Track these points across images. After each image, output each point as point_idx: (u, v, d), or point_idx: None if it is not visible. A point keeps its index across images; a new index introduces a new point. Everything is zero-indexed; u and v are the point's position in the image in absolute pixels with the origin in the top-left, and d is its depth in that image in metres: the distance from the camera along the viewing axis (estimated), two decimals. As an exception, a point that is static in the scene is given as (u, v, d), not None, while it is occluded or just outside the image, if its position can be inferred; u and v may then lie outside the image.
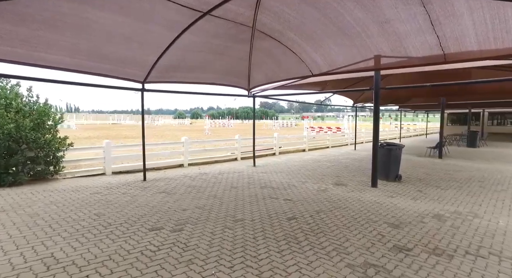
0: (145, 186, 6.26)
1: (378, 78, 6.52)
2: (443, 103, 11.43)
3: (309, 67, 7.09)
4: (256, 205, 5.10)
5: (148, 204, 4.93)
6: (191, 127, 41.61)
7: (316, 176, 7.85)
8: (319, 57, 6.61)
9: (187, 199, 5.37)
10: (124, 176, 7.29)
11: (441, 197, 5.75)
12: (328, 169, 9.07)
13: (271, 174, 8.07)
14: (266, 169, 8.87)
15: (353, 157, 12.09)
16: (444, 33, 4.30)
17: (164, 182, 6.75)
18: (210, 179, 7.23)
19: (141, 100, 6.58)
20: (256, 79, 8.60)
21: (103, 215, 4.22)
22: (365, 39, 5.37)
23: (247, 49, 7.05)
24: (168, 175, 7.66)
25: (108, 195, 5.37)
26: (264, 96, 9.52)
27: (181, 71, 6.95)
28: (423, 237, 3.73)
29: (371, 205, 5.19)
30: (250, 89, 9.15)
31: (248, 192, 6.02)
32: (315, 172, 8.45)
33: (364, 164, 10.03)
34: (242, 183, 6.92)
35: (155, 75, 6.65)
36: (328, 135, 15.79)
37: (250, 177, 7.61)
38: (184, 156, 9.00)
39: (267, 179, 7.39)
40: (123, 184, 6.43)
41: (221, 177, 7.59)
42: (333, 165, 9.78)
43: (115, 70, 5.74)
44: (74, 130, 30.59)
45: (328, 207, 5.06)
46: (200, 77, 7.55)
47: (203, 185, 6.56)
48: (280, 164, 9.89)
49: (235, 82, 8.62)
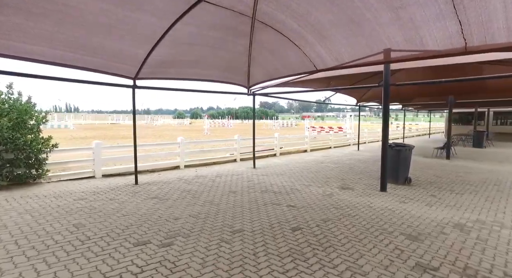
0: (136, 191, 5.78)
1: (388, 73, 6.04)
2: (451, 102, 10.95)
3: (314, 62, 6.61)
4: (257, 213, 4.62)
5: (136, 212, 4.44)
6: (190, 127, 41.13)
7: (320, 179, 7.37)
8: (324, 50, 6.13)
9: (181, 206, 4.89)
10: (115, 179, 6.81)
11: (458, 203, 5.27)
12: (332, 171, 8.60)
13: (272, 177, 7.60)
14: (266, 171, 8.40)
15: (357, 157, 11.62)
16: (467, 17, 3.82)
17: (157, 186, 6.27)
18: (207, 183, 6.75)
19: (132, 98, 6.10)
20: (256, 76, 8.12)
21: (83, 227, 3.73)
22: (376, 28, 4.89)
23: (246, 43, 6.57)
24: (162, 178, 7.18)
25: (94, 202, 4.89)
26: (265, 94, 9.04)
27: (176, 67, 6.48)
28: (448, 253, 3.25)
29: (382, 212, 4.71)
30: (249, 87, 8.67)
31: (247, 197, 5.54)
32: (319, 174, 7.97)
33: (370, 166, 9.56)
34: (241, 186, 6.45)
35: (148, 71, 6.17)
36: (331, 135, 15.32)
37: (250, 180, 7.13)
38: (180, 157, 8.52)
39: (268, 182, 6.91)
40: (113, 188, 5.95)
41: (219, 180, 7.11)
42: (337, 167, 9.30)
43: (103, 64, 5.26)
44: (71, 130, 30.12)
45: (336, 215, 4.58)
46: (196, 73, 7.08)
47: (199, 189, 6.08)
48: (282, 166, 9.41)
49: (234, 80, 8.14)
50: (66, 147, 8.75)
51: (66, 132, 27.01)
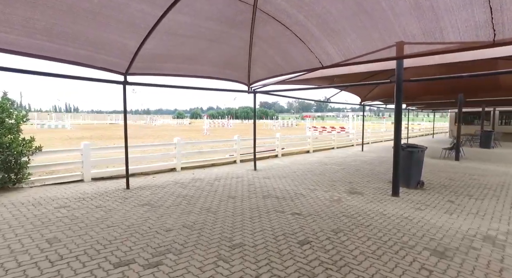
0: (126, 196, 5.29)
1: (401, 67, 5.55)
2: (460, 101, 10.46)
3: (319, 58, 6.12)
4: (259, 222, 4.13)
5: (123, 223, 3.95)
6: (189, 128, 40.64)
7: (326, 182, 6.89)
8: (331, 45, 5.65)
9: (174, 214, 4.40)
10: (105, 183, 6.32)
11: (481, 210, 4.78)
12: (337, 173, 8.11)
13: (274, 180, 7.11)
14: (268, 173, 7.91)
15: (363, 159, 11.13)
16: (501, 3, 3.34)
17: (150, 191, 5.78)
18: (205, 187, 6.26)
19: (123, 95, 5.61)
20: (257, 74, 7.64)
21: (57, 242, 3.23)
22: (391, 19, 4.41)
23: (247, 36, 6.09)
24: (157, 181, 6.69)
25: (77, 210, 4.39)
26: (266, 92, 8.56)
27: (171, 62, 5.99)
28: (487, 275, 2.76)
29: (399, 222, 4.23)
30: (250, 84, 8.19)
31: (248, 204, 5.06)
32: (324, 177, 7.48)
33: (376, 167, 9.07)
34: (241, 191, 5.96)
35: (140, 65, 5.68)
36: (333, 135, 14.83)
37: (251, 184, 6.65)
38: (176, 158, 8.03)
39: (270, 186, 6.42)
40: (101, 193, 5.46)
41: (218, 183, 6.62)
42: (343, 169, 8.81)
43: (88, 56, 4.77)
44: (68, 131, 29.62)
45: (347, 225, 4.09)
46: (194, 70, 6.59)
47: (195, 194, 5.59)
48: (284, 167, 8.93)
49: (234, 77, 7.66)
50: (54, 148, 8.27)
51: (62, 132, 26.52)
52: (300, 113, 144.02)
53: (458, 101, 10.50)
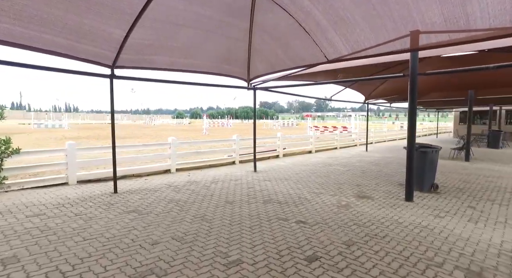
0: (112, 202, 4.78)
1: (416, 60, 5.04)
2: (471, 98, 9.94)
3: (325, 51, 5.61)
4: (259, 233, 3.62)
5: (104, 234, 3.44)
6: (189, 127, 40.14)
7: (331, 185, 6.38)
8: (338, 36, 5.14)
9: (164, 223, 3.89)
10: (91, 186, 5.81)
11: (510, 218, 4.27)
12: (343, 175, 7.60)
13: (275, 182, 6.60)
14: (269, 175, 7.40)
15: (368, 159, 10.61)
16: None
17: (140, 195, 5.27)
18: (200, 190, 5.75)
19: (110, 90, 5.10)
20: (257, 68, 7.13)
21: (15, 262, 2.69)
22: (409, 4, 3.91)
23: (246, 26, 5.58)
24: (149, 184, 6.18)
25: (52, 219, 3.88)
26: (266, 88, 8.04)
27: (163, 54, 5.48)
28: (540, 305, 2.25)
29: (418, 232, 3.72)
30: (250, 80, 7.67)
31: (247, 210, 4.55)
32: (329, 179, 6.97)
33: (383, 169, 8.56)
34: (240, 195, 5.45)
35: (129, 58, 5.17)
36: (336, 135, 14.32)
37: (251, 187, 6.14)
38: (171, 159, 7.52)
39: (272, 189, 5.91)
40: (84, 198, 4.95)
41: (214, 186, 6.11)
42: (348, 170, 8.30)
43: (70, 47, 4.26)
44: (65, 130, 29.11)
45: (360, 235, 3.58)
46: (189, 64, 6.08)
47: (189, 199, 5.08)
48: (285, 169, 8.41)
49: (233, 72, 7.15)
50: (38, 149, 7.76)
51: (59, 132, 26.01)
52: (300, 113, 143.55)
53: (468, 99, 9.97)
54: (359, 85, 11.26)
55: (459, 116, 22.39)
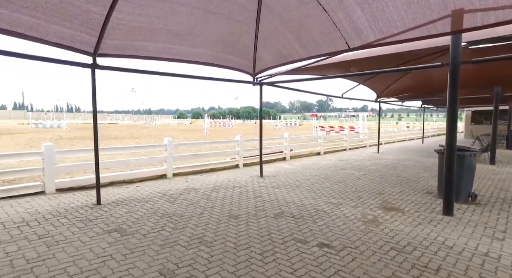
0: (91, 217, 3.95)
1: (458, 46, 4.18)
2: (497, 95, 9.06)
3: (346, 37, 4.78)
4: (274, 262, 2.79)
5: (67, 269, 2.60)
6: (190, 127, 39.35)
7: (350, 193, 5.54)
8: (365, 17, 4.30)
9: (151, 248, 3.06)
10: (71, 196, 4.98)
11: None
12: (359, 180, 6.75)
13: (285, 190, 5.76)
14: (277, 181, 6.56)
15: (382, 162, 9.75)
16: None
17: (127, 207, 4.44)
18: (199, 200, 4.92)
19: (92, 82, 4.27)
20: (264, 60, 6.29)
21: None
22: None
23: (254, 6, 4.75)
24: (140, 193, 5.35)
25: (5, 245, 3.03)
26: (273, 83, 7.19)
27: (156, 39, 4.65)
28: None
29: (481, 263, 2.87)
30: (255, 74, 6.84)
31: (256, 227, 3.71)
32: (346, 186, 6.13)
33: (402, 173, 7.70)
34: (246, 206, 4.62)
35: (115, 44, 4.35)
36: (345, 136, 13.45)
37: (257, 196, 5.30)
38: (167, 163, 6.69)
39: (282, 199, 5.08)
40: (59, 212, 4.12)
41: (216, 195, 5.27)
42: (364, 175, 7.45)
43: (35, 26, 3.44)
44: (63, 130, 28.38)
45: (404, 267, 2.74)
46: (185, 53, 5.25)
47: (186, 213, 4.25)
48: (295, 173, 7.57)
49: (236, 64, 6.31)
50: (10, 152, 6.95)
51: (56, 132, 25.26)
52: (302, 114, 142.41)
53: (494, 96, 9.09)
54: (371, 82, 10.41)
55: (471, 116, 21.42)
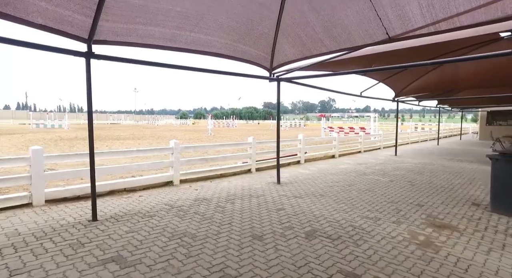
0: (84, 240, 3.22)
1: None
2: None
3: (386, 23, 4.05)
4: (327, 315, 2.04)
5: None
6: (193, 128, 38.69)
7: (384, 204, 4.79)
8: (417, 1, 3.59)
9: (160, 288, 2.33)
10: (63, 209, 4.25)
11: None
12: (389, 188, 6.00)
13: (310, 200, 5.02)
14: (297, 189, 5.82)
15: (404, 166, 8.98)
16: None
17: (129, 224, 3.71)
18: (213, 214, 4.18)
19: (86, 74, 3.55)
20: (284, 52, 5.55)
21: None
22: None
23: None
24: (143, 204, 4.62)
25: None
26: (291, 79, 6.41)
27: (161, 23, 3.93)
28: None
29: None
30: (272, 69, 6.09)
31: (288, 253, 2.97)
32: (376, 195, 5.38)
33: (432, 179, 6.94)
34: (269, 222, 3.88)
35: (114, 28, 3.63)
36: (360, 137, 12.68)
37: (280, 207, 4.56)
38: (173, 168, 5.97)
39: (309, 212, 4.33)
40: (45, 233, 3.39)
41: (232, 208, 4.53)
42: (391, 181, 6.69)
43: (11, 1, 2.72)
44: (64, 130, 27.76)
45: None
46: (195, 40, 4.52)
47: (199, 232, 3.52)
48: (314, 179, 6.82)
49: (252, 56, 5.57)
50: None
51: (57, 132, 24.62)
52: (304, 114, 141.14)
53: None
54: (392, 80, 9.65)
55: (486, 116, 20.58)
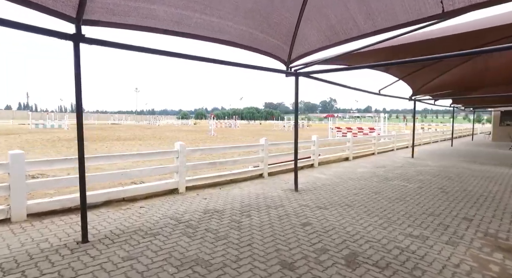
0: (68, 274, 2.52)
1: None
2: None
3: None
4: None
5: None
6: (194, 128, 37.99)
7: (424, 217, 4.08)
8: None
9: None
10: (49, 225, 3.55)
11: None
12: (420, 196, 5.29)
13: (336, 211, 4.31)
14: (318, 198, 5.11)
15: (427, 170, 8.26)
16: None
17: (126, 248, 3.01)
18: (228, 233, 3.48)
19: (75, 60, 2.85)
20: (308, 39, 4.82)
21: None
22: None
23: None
24: (145, 218, 3.92)
25: None
26: (312, 73, 5.69)
27: (169, 2, 3.23)
28: None
29: None
30: (290, 61, 5.38)
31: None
32: (409, 205, 4.67)
33: (465, 186, 6.22)
34: (297, 243, 3.17)
35: (108, 4, 2.93)
36: (374, 138, 11.96)
37: (305, 223, 3.85)
38: (178, 174, 5.27)
39: (341, 228, 3.63)
40: (18, 262, 2.68)
41: (249, 222, 3.83)
42: (419, 187, 5.99)
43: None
44: (63, 131, 27.09)
45: None
46: (205, 24, 3.81)
47: (215, 258, 2.81)
48: (334, 185, 6.11)
49: (269, 46, 4.86)
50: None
51: (55, 133, 23.95)
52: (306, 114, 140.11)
53: None
54: (412, 77, 8.93)
55: (500, 116, 19.83)
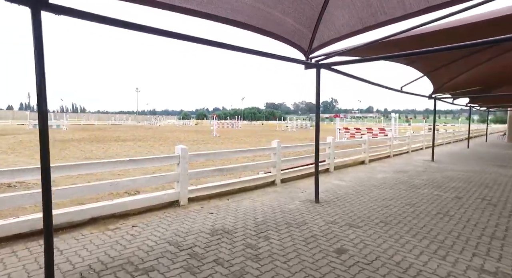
0: None
1: None
2: None
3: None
4: None
5: None
6: (196, 129, 37.20)
7: (487, 241, 3.27)
8: None
9: None
10: (4, 258, 2.77)
11: None
12: (465, 210, 4.48)
13: (372, 230, 3.50)
14: (344, 211, 4.30)
15: (455, 175, 7.43)
16: None
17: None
18: (245, 264, 2.67)
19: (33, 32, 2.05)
20: (334, 22, 3.99)
21: None
22: None
23: None
24: (137, 244, 3.12)
25: None
26: (331, 66, 4.87)
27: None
28: None
29: None
30: (311, 51, 4.57)
31: None
32: (458, 222, 3.86)
33: (510, 194, 5.40)
34: (339, 285, 2.36)
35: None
36: (390, 140, 11.13)
37: (339, 249, 3.04)
38: (180, 183, 4.46)
39: (385, 256, 2.82)
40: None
41: (268, 248, 3.02)
42: (458, 198, 5.18)
43: None
44: (61, 131, 26.36)
45: None
46: (220, 2, 3.00)
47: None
48: (357, 194, 5.30)
49: (287, 31, 4.05)
50: None
51: (53, 133, 23.21)
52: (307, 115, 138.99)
53: None
54: (436, 73, 8.11)
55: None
